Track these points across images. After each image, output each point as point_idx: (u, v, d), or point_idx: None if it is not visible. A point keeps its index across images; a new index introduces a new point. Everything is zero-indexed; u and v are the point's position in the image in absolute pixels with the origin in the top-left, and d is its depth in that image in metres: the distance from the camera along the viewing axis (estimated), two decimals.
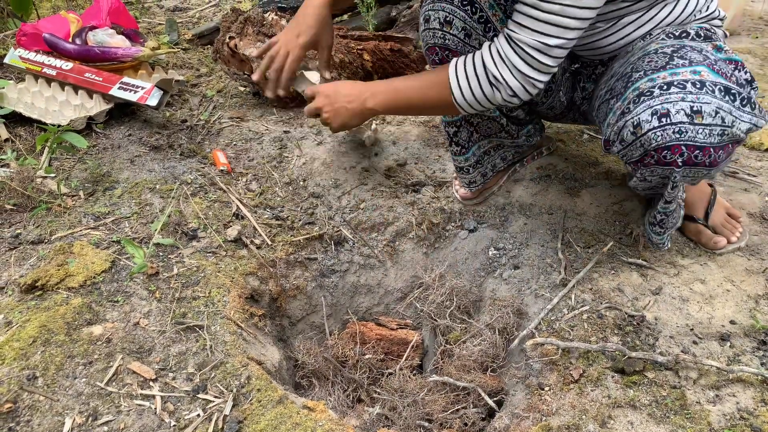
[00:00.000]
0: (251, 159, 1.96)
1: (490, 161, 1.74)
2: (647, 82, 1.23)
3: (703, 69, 1.20)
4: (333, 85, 1.52)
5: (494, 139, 1.69)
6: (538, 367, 1.37)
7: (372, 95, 1.44)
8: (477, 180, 1.73)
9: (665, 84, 1.20)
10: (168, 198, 1.72)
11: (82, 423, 1.14)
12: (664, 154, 1.22)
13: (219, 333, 1.35)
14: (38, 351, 1.25)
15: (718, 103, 1.17)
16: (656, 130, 1.19)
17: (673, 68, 1.22)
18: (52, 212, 1.63)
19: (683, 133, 1.18)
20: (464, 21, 1.35)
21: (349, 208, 1.81)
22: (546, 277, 1.57)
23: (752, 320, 1.37)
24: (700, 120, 1.17)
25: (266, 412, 1.19)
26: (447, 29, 1.37)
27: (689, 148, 1.19)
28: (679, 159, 1.21)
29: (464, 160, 1.68)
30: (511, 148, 1.77)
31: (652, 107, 1.20)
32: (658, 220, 1.45)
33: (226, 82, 2.42)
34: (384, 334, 1.64)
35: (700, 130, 1.17)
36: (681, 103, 1.17)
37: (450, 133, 1.64)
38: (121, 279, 1.45)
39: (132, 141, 1.98)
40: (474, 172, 1.70)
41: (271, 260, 1.65)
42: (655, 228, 1.48)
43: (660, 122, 1.19)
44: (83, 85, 2.07)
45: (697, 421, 1.17)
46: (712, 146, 1.19)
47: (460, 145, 1.65)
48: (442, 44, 1.39)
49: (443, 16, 1.35)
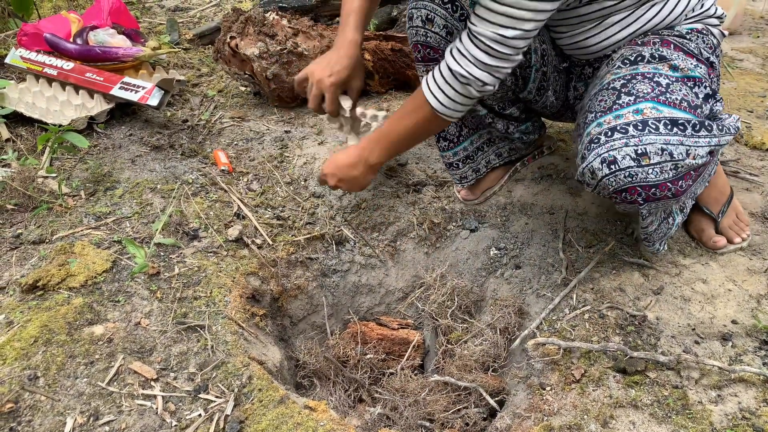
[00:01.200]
0: (252, 159, 1.95)
1: (484, 157, 1.74)
2: (596, 127, 1.25)
3: (647, 105, 1.21)
4: (331, 162, 1.57)
5: (485, 134, 1.70)
6: (539, 366, 1.37)
7: (370, 151, 1.51)
8: (468, 175, 1.72)
9: (609, 130, 1.22)
10: (169, 198, 1.72)
11: (83, 423, 1.14)
12: (624, 196, 1.24)
13: (220, 333, 1.35)
14: (39, 351, 1.25)
15: (663, 140, 1.18)
16: (608, 177, 1.22)
17: (618, 109, 1.24)
18: (53, 212, 1.63)
19: (634, 176, 1.20)
20: (445, 19, 1.37)
21: (350, 208, 1.81)
22: (547, 277, 1.57)
23: (754, 320, 1.37)
24: (647, 161, 1.18)
25: (267, 412, 1.18)
26: (429, 27, 1.39)
27: (645, 188, 1.21)
28: (639, 198, 1.23)
29: (452, 155, 1.69)
30: (506, 144, 1.76)
31: (601, 155, 1.22)
32: (643, 237, 1.47)
33: (227, 81, 2.42)
34: (385, 334, 1.64)
35: (650, 171, 1.19)
36: (625, 148, 1.19)
37: None
38: (122, 279, 1.45)
39: (133, 141, 1.98)
40: (464, 167, 1.70)
41: (272, 260, 1.65)
42: (644, 242, 1.50)
43: (610, 169, 1.21)
44: (84, 85, 2.07)
45: (699, 421, 1.17)
46: (668, 181, 1.21)
47: (447, 140, 1.66)
48: (424, 42, 1.41)
49: (425, 14, 1.38)
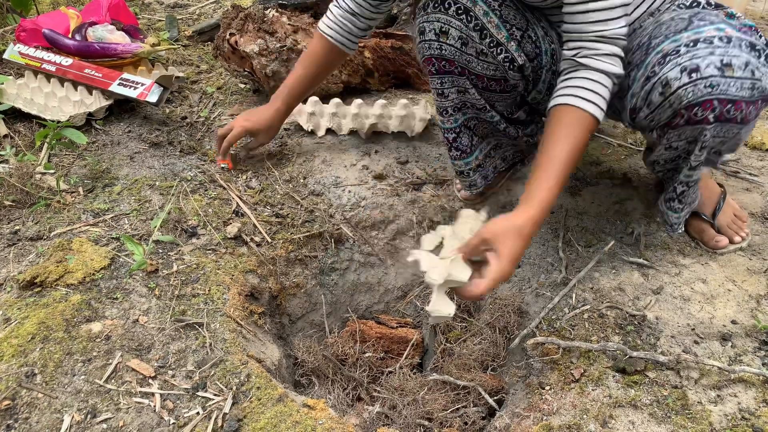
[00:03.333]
0: (251, 156, 1.95)
1: (491, 163, 1.71)
2: (671, 43, 1.22)
3: (726, 27, 1.20)
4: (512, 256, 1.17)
5: (492, 140, 1.68)
6: (538, 366, 1.36)
7: (543, 209, 1.22)
8: (478, 183, 1.69)
9: (691, 42, 1.19)
10: (168, 195, 1.71)
11: (80, 420, 1.13)
12: (695, 112, 1.20)
13: (219, 330, 1.34)
14: (37, 348, 1.24)
15: (746, 57, 1.16)
16: (687, 87, 1.17)
17: (696, 29, 1.21)
18: (51, 208, 1.63)
19: (715, 87, 1.16)
20: (460, 30, 1.34)
21: (350, 206, 1.81)
22: (547, 276, 1.56)
23: (754, 320, 1.36)
24: (731, 73, 1.15)
25: (266, 410, 1.18)
26: (443, 40, 1.36)
27: (722, 102, 1.18)
28: (711, 115, 1.19)
29: (464, 164, 1.65)
30: (510, 148, 1.75)
31: (681, 64, 1.18)
32: (679, 192, 1.40)
33: (226, 78, 2.41)
34: (384, 333, 1.63)
35: (731, 83, 1.16)
36: (710, 57, 1.16)
37: (449, 139, 1.60)
38: (120, 276, 1.44)
39: (132, 137, 1.98)
40: (474, 175, 1.67)
41: (270, 258, 1.64)
42: (673, 203, 1.44)
43: (690, 77, 1.17)
44: (83, 81, 2.06)
45: (699, 421, 1.17)
46: (744, 100, 1.18)
47: (460, 150, 1.62)
48: (439, 55, 1.39)
49: (438, 27, 1.35)
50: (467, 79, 1.40)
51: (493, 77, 1.40)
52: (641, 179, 1.81)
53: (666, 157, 1.39)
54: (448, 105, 1.46)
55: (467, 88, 1.41)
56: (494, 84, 1.41)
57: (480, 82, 1.41)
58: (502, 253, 1.15)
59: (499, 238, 1.16)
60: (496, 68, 1.37)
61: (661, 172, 1.48)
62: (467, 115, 1.50)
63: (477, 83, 1.41)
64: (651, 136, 1.35)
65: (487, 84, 1.41)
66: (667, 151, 1.36)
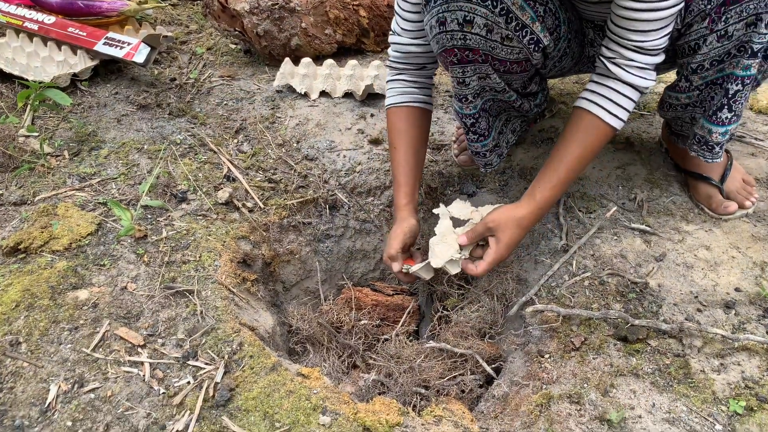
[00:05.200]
0: (243, 119, 1.89)
1: (504, 139, 1.63)
2: None
3: None
4: (506, 230, 1.33)
5: (504, 115, 1.60)
6: (537, 334, 1.34)
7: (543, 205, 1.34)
8: (494, 162, 1.61)
9: None
10: (156, 159, 1.65)
11: (67, 390, 1.10)
12: None
13: (210, 298, 1.31)
14: (21, 316, 1.20)
15: None
16: None
17: None
18: (35, 172, 1.57)
19: None
20: (486, 17, 1.21)
21: (345, 171, 1.76)
22: (546, 243, 1.52)
23: (758, 288, 1.34)
24: None
25: (259, 379, 1.15)
26: (468, 29, 1.23)
27: None
28: None
29: (482, 146, 1.55)
30: (518, 119, 1.68)
31: None
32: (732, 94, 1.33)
33: (216, 39, 2.33)
34: (380, 300, 1.60)
35: None
36: None
37: (468, 124, 1.49)
38: (107, 242, 1.39)
39: (119, 99, 1.91)
40: (491, 155, 1.60)
41: (263, 224, 1.60)
42: (721, 114, 1.37)
43: None
44: (67, 41, 1.98)
45: (701, 390, 1.14)
46: None
47: (478, 134, 1.52)
48: (462, 45, 1.26)
49: (462, 16, 1.22)
50: (490, 65, 1.32)
51: (516, 60, 1.32)
52: (644, 144, 1.76)
53: (714, 54, 1.29)
54: (469, 93, 1.37)
55: (489, 73, 1.32)
56: (516, 66, 1.34)
57: (502, 66, 1.32)
58: (501, 240, 1.32)
59: (501, 227, 1.32)
60: (520, 51, 1.29)
61: (699, 88, 1.39)
62: (485, 98, 1.43)
63: (499, 68, 1.32)
64: (700, 24, 1.27)
65: (509, 67, 1.33)
66: (719, 43, 1.26)
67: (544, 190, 1.32)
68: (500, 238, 1.32)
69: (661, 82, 1.97)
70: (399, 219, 1.46)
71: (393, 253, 1.41)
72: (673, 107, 1.49)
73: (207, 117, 1.87)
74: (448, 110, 1.98)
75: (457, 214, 1.46)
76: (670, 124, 1.61)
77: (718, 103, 1.37)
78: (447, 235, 1.40)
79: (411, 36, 1.43)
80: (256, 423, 1.08)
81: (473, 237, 1.36)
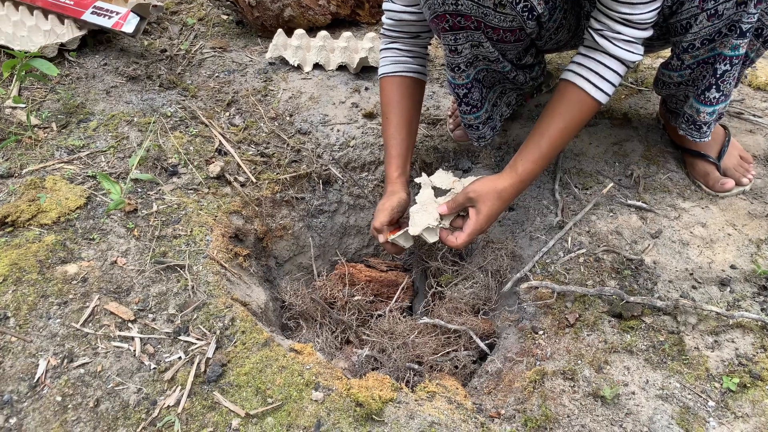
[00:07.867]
0: (235, 92, 1.85)
1: (498, 112, 1.61)
2: None
3: None
4: (490, 214, 1.32)
5: (498, 87, 1.57)
6: (531, 310, 1.33)
7: (525, 176, 1.32)
8: (487, 135, 1.59)
9: None
10: (146, 131, 1.62)
11: (57, 365, 1.09)
12: None
13: (201, 273, 1.29)
14: (9, 290, 1.18)
15: None
16: None
17: None
18: (22, 145, 1.54)
19: None
20: None
21: (338, 146, 1.73)
22: (542, 219, 1.51)
23: (753, 265, 1.33)
24: None
25: (251, 354, 1.14)
26: None
27: None
28: None
29: (474, 118, 1.53)
30: (514, 92, 1.66)
31: None
32: (720, 74, 1.31)
33: (207, 9, 2.28)
34: (374, 276, 1.59)
35: None
36: None
37: (460, 94, 1.48)
38: (97, 216, 1.37)
39: (108, 71, 1.86)
40: (484, 128, 1.57)
41: (256, 199, 1.57)
42: (709, 94, 1.36)
43: None
44: (53, 9, 1.93)
45: (695, 366, 1.14)
46: None
47: (470, 105, 1.50)
48: (454, 11, 1.23)
49: None
50: (482, 33, 1.29)
51: (509, 28, 1.29)
52: (641, 119, 1.74)
53: (705, 33, 1.26)
54: (461, 61, 1.34)
55: (482, 41, 1.29)
56: (509, 35, 1.30)
57: (495, 35, 1.29)
58: (482, 212, 1.30)
59: (481, 198, 1.30)
60: (513, 19, 1.25)
61: (690, 66, 1.36)
62: (478, 68, 1.40)
63: (492, 36, 1.29)
64: (691, 3, 1.24)
65: (502, 36, 1.30)
66: (709, 22, 1.24)
67: (526, 163, 1.31)
68: (480, 210, 1.30)
69: (660, 57, 1.94)
70: (389, 192, 1.45)
71: (378, 225, 1.41)
72: (666, 85, 1.47)
73: (198, 89, 1.83)
74: (444, 84, 1.95)
75: (438, 183, 1.44)
76: (666, 101, 1.59)
77: (706, 83, 1.35)
78: (428, 205, 1.39)
79: (404, 3, 1.40)
80: (248, 398, 1.07)
81: (453, 207, 1.35)
